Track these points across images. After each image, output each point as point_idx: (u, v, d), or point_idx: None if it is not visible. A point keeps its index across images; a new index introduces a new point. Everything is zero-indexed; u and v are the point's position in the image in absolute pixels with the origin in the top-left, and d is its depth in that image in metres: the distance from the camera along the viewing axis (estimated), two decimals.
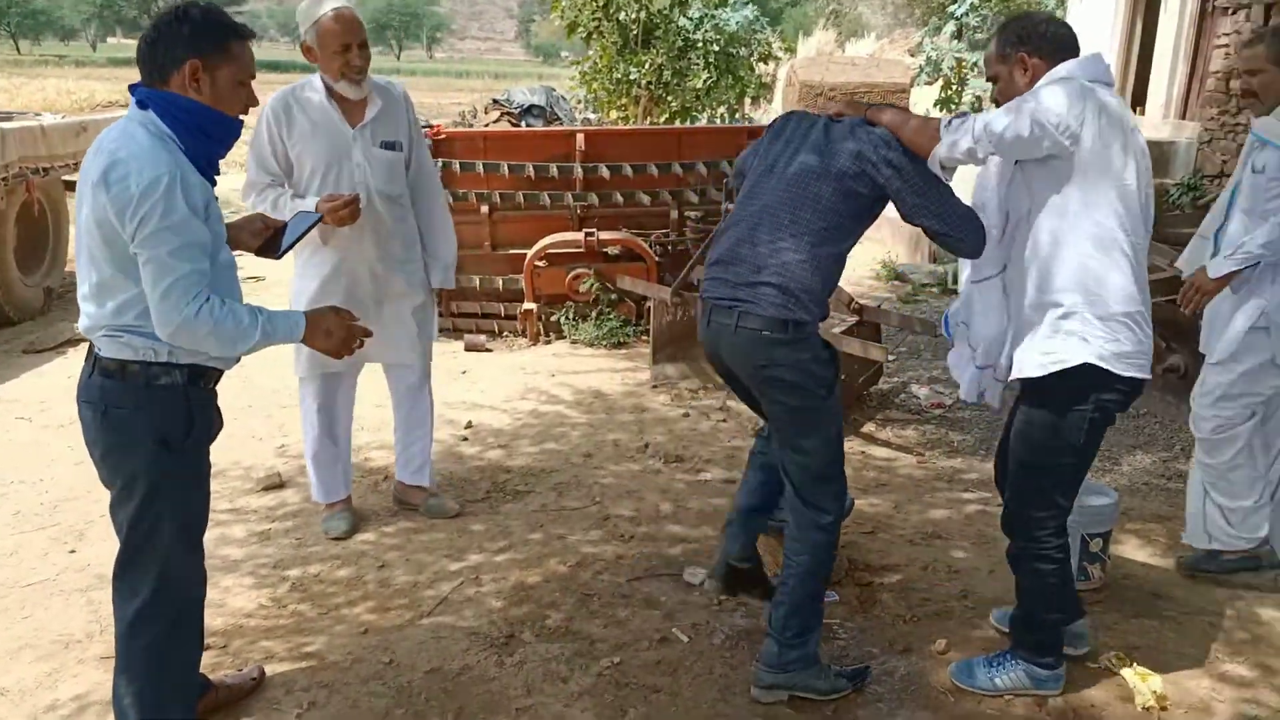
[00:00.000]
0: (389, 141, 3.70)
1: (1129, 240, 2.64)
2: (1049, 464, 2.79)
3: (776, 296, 2.72)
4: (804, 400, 2.80)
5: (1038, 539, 2.85)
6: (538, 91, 19.31)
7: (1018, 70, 2.76)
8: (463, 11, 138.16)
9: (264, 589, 3.53)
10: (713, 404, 5.54)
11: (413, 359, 3.98)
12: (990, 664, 2.99)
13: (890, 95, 17.67)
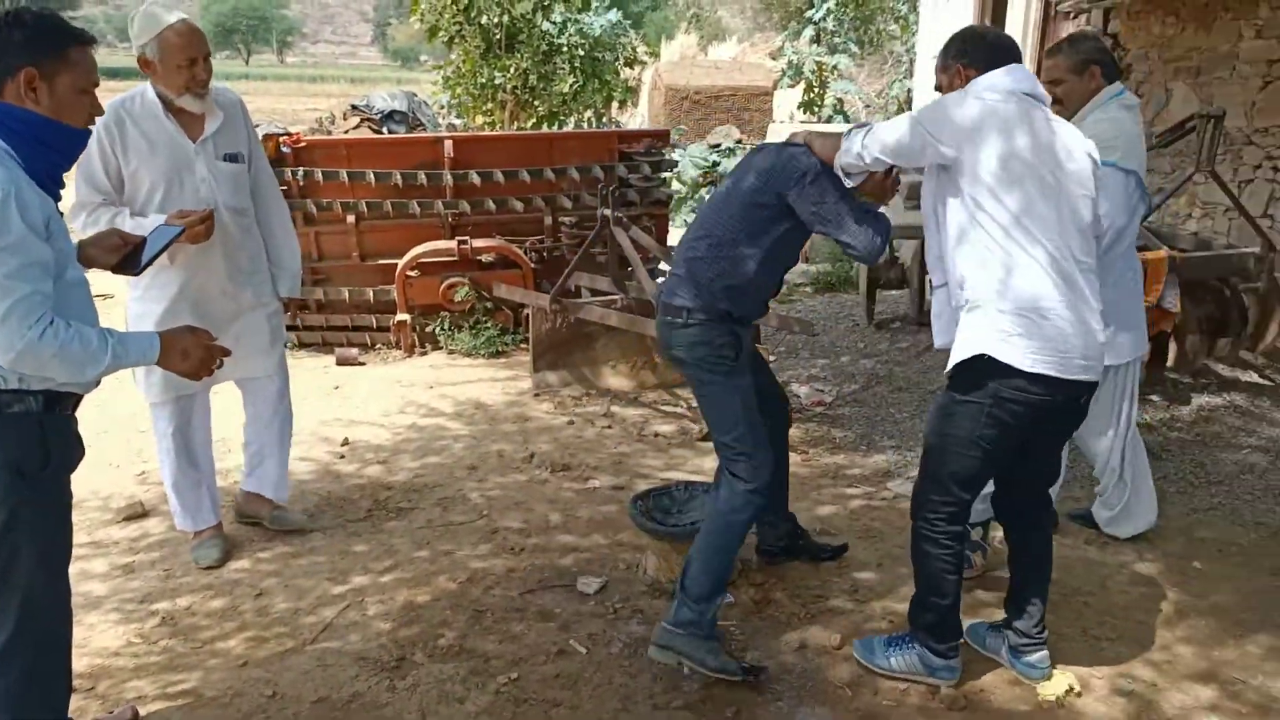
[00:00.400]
0: (231, 154, 3.60)
1: (1036, 239, 2.67)
2: (949, 450, 2.83)
3: (678, 286, 3.06)
4: (701, 378, 3.07)
5: (930, 521, 2.90)
6: (399, 97, 19.00)
7: (957, 81, 2.87)
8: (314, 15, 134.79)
9: (130, 625, 3.33)
10: (597, 410, 5.51)
11: (270, 370, 3.88)
12: (889, 643, 3.06)
13: (754, 98, 18.03)
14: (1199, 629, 3.34)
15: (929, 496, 2.90)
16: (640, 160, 7.05)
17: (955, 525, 2.90)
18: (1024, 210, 2.66)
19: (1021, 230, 2.67)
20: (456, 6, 13.51)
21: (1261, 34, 6.65)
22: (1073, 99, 3.57)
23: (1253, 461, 4.74)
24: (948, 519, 2.89)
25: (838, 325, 7.30)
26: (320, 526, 4.05)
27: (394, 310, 6.67)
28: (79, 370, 2.23)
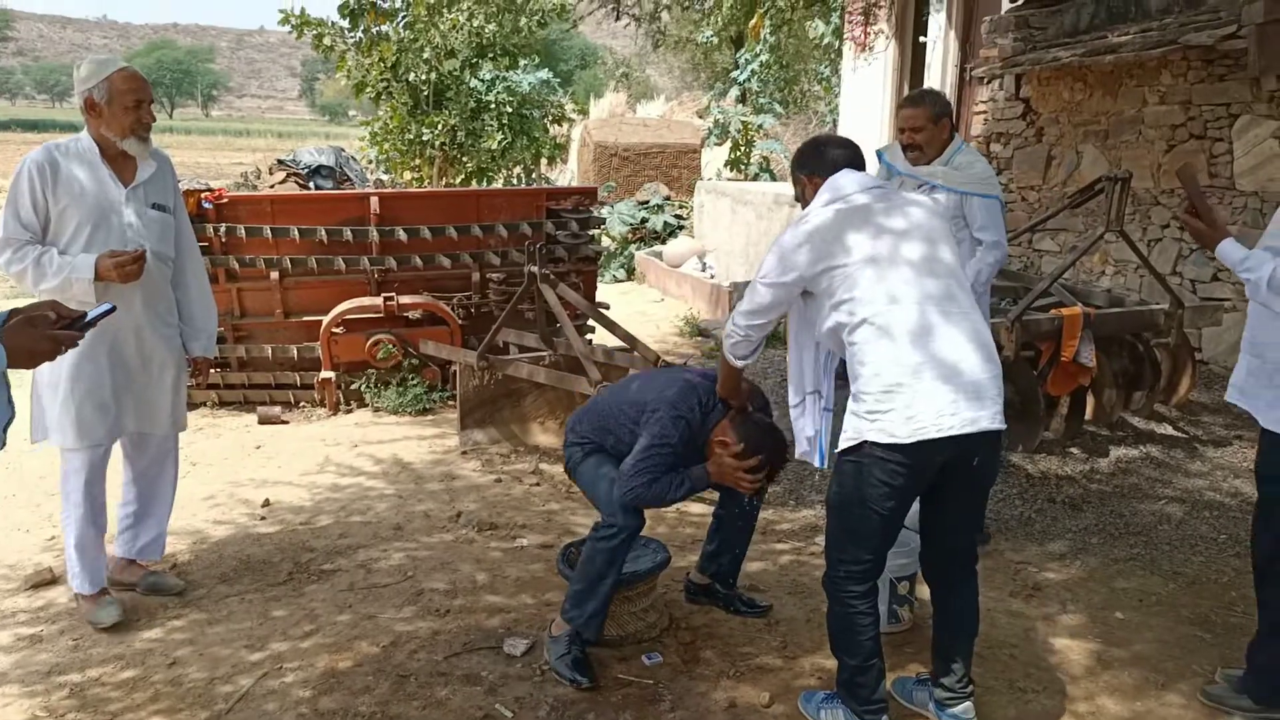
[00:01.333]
0: (160, 204, 3.69)
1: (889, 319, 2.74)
2: (848, 512, 2.87)
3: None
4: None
5: (836, 582, 2.93)
6: (326, 152, 18.85)
7: (808, 190, 3.07)
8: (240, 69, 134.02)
9: (35, 699, 3.17)
10: (525, 468, 5.45)
11: (168, 429, 3.84)
12: (824, 699, 3.10)
13: (682, 155, 18.25)
14: (1122, 679, 3.38)
15: (835, 556, 2.93)
16: (568, 217, 7.08)
17: (861, 584, 2.89)
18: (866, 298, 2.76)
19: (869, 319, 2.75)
20: (384, 64, 13.53)
21: (1164, 100, 6.95)
22: (931, 146, 4.29)
23: (1169, 512, 4.85)
24: (852, 578, 2.89)
25: (766, 380, 7.35)
26: (272, 597, 3.92)
27: (318, 368, 6.56)
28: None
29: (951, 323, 2.77)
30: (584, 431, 3.53)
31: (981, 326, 2.85)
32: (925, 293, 2.77)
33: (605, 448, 3.47)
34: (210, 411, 6.64)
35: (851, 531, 2.87)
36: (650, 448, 3.25)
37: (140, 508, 3.92)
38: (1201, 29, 6.10)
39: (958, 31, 10.49)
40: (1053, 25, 7.77)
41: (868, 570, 2.90)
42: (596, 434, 3.50)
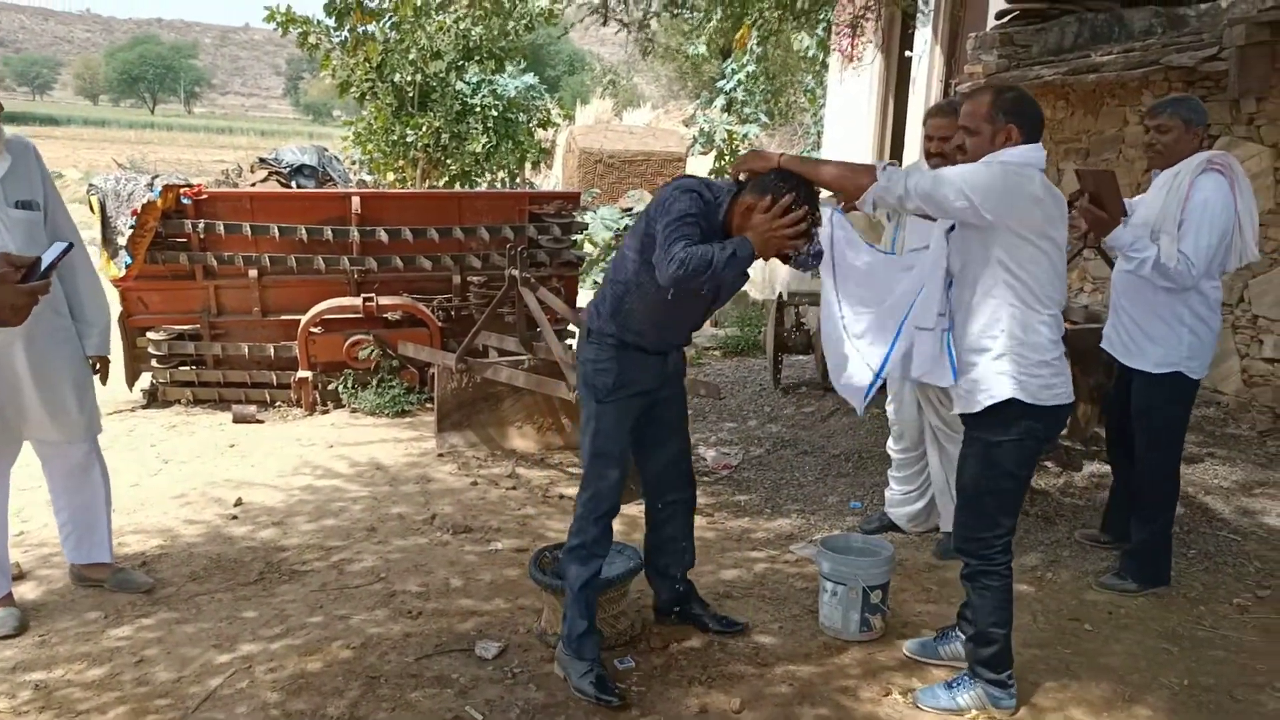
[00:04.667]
0: (24, 201, 3.46)
1: (1047, 296, 3.04)
2: (994, 489, 3.12)
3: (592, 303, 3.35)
4: (583, 393, 3.34)
5: (988, 558, 3.15)
6: (309, 151, 18.73)
7: (1000, 136, 3.04)
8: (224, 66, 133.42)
9: (0, 697, 3.14)
10: (501, 472, 5.44)
11: (78, 434, 3.70)
12: (950, 686, 3.25)
13: (667, 164, 18.31)
14: (1091, 691, 3.40)
15: (980, 535, 3.16)
16: (551, 222, 7.08)
17: (1009, 554, 3.19)
18: (1039, 274, 3.02)
19: (1038, 287, 3.02)
20: (369, 64, 13.47)
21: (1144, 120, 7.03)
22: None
23: None
24: (1003, 549, 3.16)
25: (744, 389, 7.37)
26: (243, 596, 3.88)
27: (295, 367, 6.54)
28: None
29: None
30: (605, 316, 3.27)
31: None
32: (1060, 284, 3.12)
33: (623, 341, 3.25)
34: (184, 409, 6.60)
35: (1008, 497, 3.15)
36: (672, 222, 3.00)
37: (72, 515, 3.81)
38: (1183, 50, 6.16)
39: (943, 47, 10.56)
40: (1036, 43, 7.83)
41: (1011, 535, 3.19)
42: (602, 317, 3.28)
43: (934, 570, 4.37)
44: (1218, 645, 3.73)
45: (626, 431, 3.34)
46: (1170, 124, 4.00)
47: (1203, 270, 3.86)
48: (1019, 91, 3.14)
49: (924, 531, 4.71)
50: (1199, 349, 3.99)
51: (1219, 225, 3.85)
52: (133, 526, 4.47)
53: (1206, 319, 3.98)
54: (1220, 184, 3.88)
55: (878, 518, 4.84)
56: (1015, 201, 2.95)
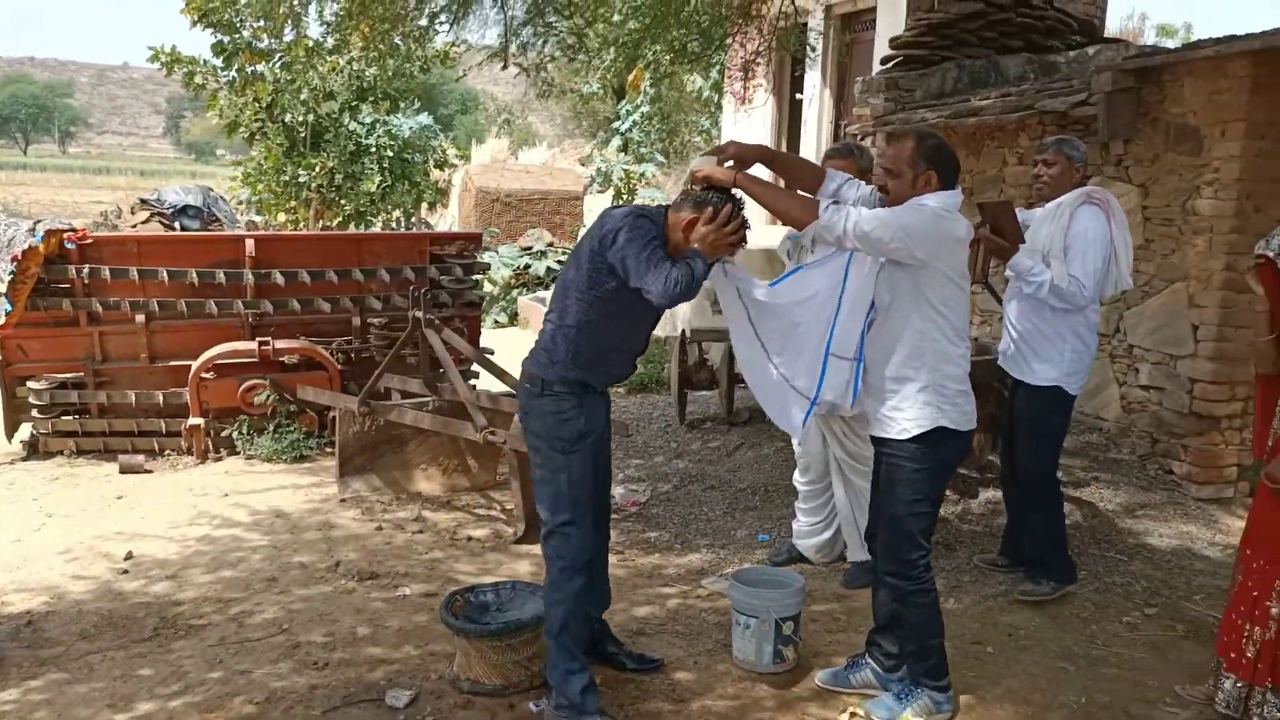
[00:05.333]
0: None
1: (963, 330, 3.30)
2: (916, 511, 3.30)
3: (539, 355, 3.29)
4: (542, 448, 3.29)
5: (916, 578, 3.32)
6: (193, 191, 18.34)
7: (921, 182, 3.22)
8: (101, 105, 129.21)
9: None
10: (407, 516, 5.34)
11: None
12: (899, 697, 3.39)
13: (565, 202, 18.41)
14: (995, 712, 3.49)
15: (908, 556, 3.32)
16: (452, 262, 7.04)
17: (931, 570, 3.39)
18: (959, 310, 3.27)
19: (955, 326, 3.26)
20: (259, 104, 13.26)
21: (1022, 160, 7.34)
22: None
23: None
24: (927, 567, 3.35)
25: (650, 426, 7.40)
26: (137, 654, 3.72)
27: (185, 414, 6.33)
28: None
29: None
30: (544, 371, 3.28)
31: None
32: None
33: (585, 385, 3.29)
34: (67, 460, 6.32)
35: (928, 516, 3.35)
36: (645, 248, 3.08)
37: None
38: (1056, 95, 6.48)
39: (832, 90, 10.92)
40: (920, 88, 8.15)
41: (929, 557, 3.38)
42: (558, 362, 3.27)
43: (842, 599, 4.44)
44: (1111, 663, 3.88)
45: (592, 477, 3.35)
46: (1055, 160, 4.39)
47: (1093, 291, 4.22)
48: (939, 140, 3.30)
49: (831, 562, 4.79)
50: (1078, 366, 4.35)
51: (1100, 251, 4.22)
52: (15, 585, 4.25)
53: (1086, 339, 4.35)
54: (1098, 215, 4.27)
55: (786, 549, 4.90)
56: (943, 243, 3.17)
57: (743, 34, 8.82)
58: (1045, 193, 4.46)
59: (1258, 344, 3.41)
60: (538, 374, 3.27)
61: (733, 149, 3.38)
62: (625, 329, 3.34)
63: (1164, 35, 22.53)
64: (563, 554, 3.28)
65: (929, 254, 3.15)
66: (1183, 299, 5.78)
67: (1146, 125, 6.04)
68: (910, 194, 3.21)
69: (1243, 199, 5.50)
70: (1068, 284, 4.19)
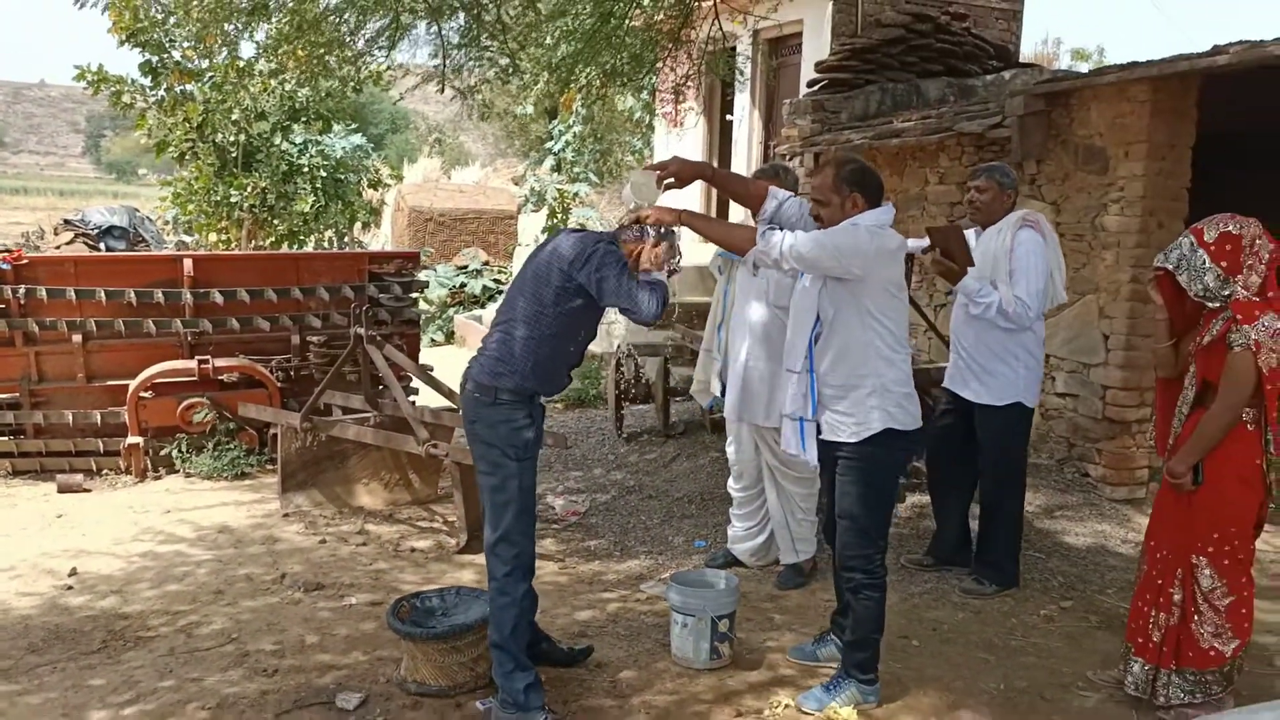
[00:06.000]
0: None
1: (903, 338, 3.51)
2: (872, 510, 3.52)
3: (490, 365, 3.36)
4: (493, 457, 3.36)
5: (871, 572, 3.53)
6: (118, 212, 18.05)
7: (849, 204, 3.45)
8: (17, 124, 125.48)
9: None
10: (350, 529, 5.42)
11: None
12: (827, 688, 3.58)
13: (499, 221, 18.51)
14: (919, 700, 3.69)
15: (864, 551, 3.53)
16: (391, 281, 7.13)
17: (884, 567, 3.60)
18: (898, 319, 3.51)
19: (896, 328, 3.48)
20: (189, 124, 13.16)
21: (943, 180, 7.66)
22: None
23: None
24: (881, 563, 3.57)
25: (588, 439, 7.55)
26: (86, 665, 3.75)
27: (123, 433, 6.33)
28: None
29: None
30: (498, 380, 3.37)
31: None
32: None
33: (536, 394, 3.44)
34: (3, 481, 6.27)
35: (882, 515, 3.59)
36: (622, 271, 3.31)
37: None
38: (973, 118, 6.80)
39: (761, 111, 11.21)
40: (845, 110, 8.45)
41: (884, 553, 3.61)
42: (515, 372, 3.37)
43: (776, 600, 4.63)
44: (1029, 653, 4.11)
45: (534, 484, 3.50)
46: (987, 185, 4.66)
47: (1037, 310, 4.49)
48: (859, 163, 3.54)
49: (765, 565, 4.98)
50: (1032, 381, 4.62)
51: (1041, 270, 4.49)
52: None
53: (1036, 354, 4.62)
54: (1034, 237, 4.55)
55: (722, 554, 5.07)
56: (878, 258, 3.40)
57: (672, 58, 9.05)
58: (978, 217, 4.72)
59: (1158, 349, 3.68)
60: (489, 383, 3.36)
61: (674, 165, 3.62)
62: (579, 344, 3.52)
63: (1078, 59, 23.32)
64: (510, 559, 3.38)
65: (865, 269, 3.38)
66: (1093, 310, 6.10)
67: (1057, 146, 6.37)
68: (842, 217, 3.46)
69: (1146, 215, 5.85)
70: (1014, 305, 4.42)
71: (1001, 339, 4.54)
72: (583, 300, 3.37)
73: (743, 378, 4.71)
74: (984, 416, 4.66)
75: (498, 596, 3.40)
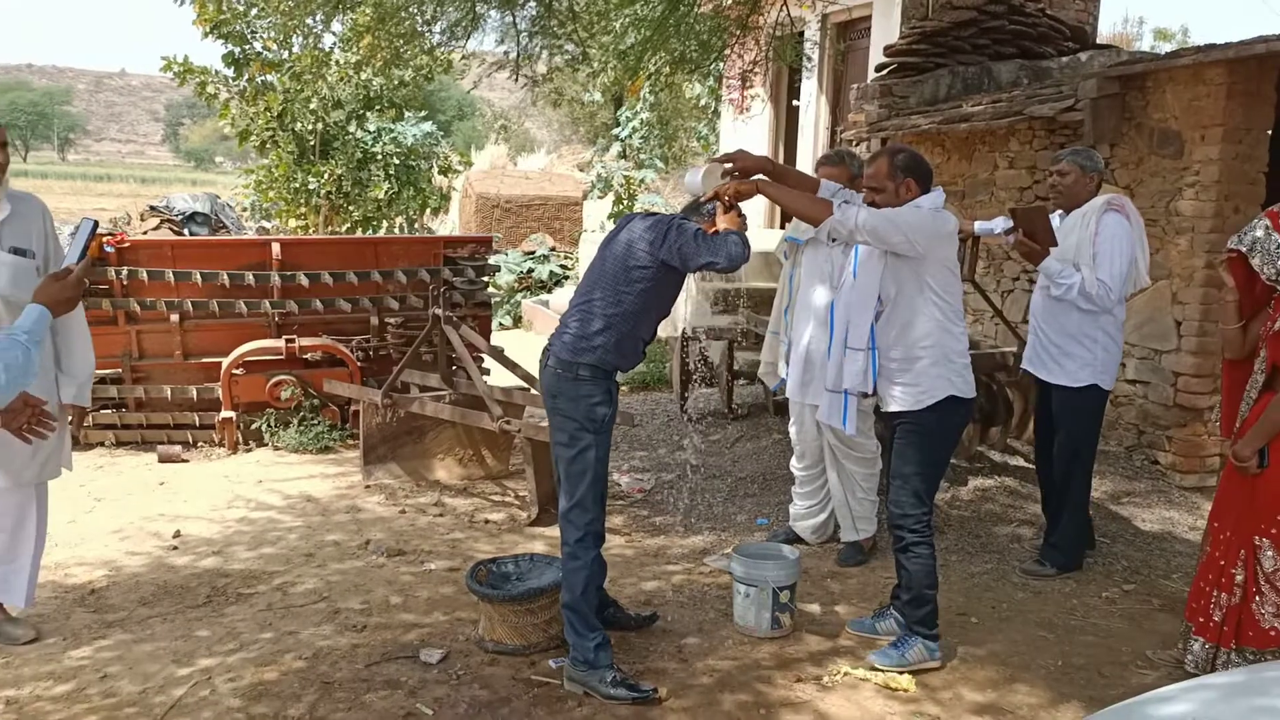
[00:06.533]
0: (19, 248, 3.66)
1: (960, 312, 3.79)
2: (925, 473, 3.78)
3: (572, 342, 3.55)
4: (571, 429, 3.56)
5: (920, 531, 3.76)
6: (200, 198, 18.65)
7: (903, 190, 3.71)
8: (99, 113, 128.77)
9: None
10: (427, 501, 5.68)
11: (23, 479, 3.78)
12: (896, 645, 3.79)
13: (564, 208, 18.72)
14: (978, 673, 3.81)
15: (913, 511, 3.77)
16: (465, 264, 7.38)
17: (932, 527, 3.85)
18: (955, 295, 3.77)
19: (955, 308, 3.75)
20: (270, 113, 13.59)
21: (1013, 164, 7.67)
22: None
23: (1021, 533, 5.37)
24: (929, 523, 3.82)
25: (654, 420, 7.74)
26: (194, 618, 4.04)
27: (217, 408, 6.66)
28: (24, 379, 2.42)
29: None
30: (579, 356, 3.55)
31: None
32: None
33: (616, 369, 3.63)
34: (108, 451, 6.66)
35: (936, 477, 3.86)
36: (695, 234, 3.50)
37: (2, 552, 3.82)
38: (1044, 102, 6.78)
39: (828, 97, 11.25)
40: (914, 94, 8.46)
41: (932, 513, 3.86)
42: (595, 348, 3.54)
43: (836, 576, 4.77)
44: (1088, 632, 4.19)
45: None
46: (1069, 169, 4.74)
47: (1119, 293, 4.57)
48: (909, 151, 3.80)
49: (825, 542, 5.12)
50: (1110, 363, 4.70)
51: (1125, 254, 4.56)
52: (76, 559, 4.59)
53: (1115, 337, 4.70)
54: (1120, 221, 4.61)
55: (784, 532, 5.22)
56: (940, 237, 3.67)
57: (740, 44, 9.14)
58: (1060, 200, 4.80)
59: (1226, 331, 3.73)
60: (571, 360, 3.55)
61: (740, 159, 3.81)
62: (653, 320, 3.72)
63: (1160, 39, 22.82)
64: (583, 525, 3.59)
65: (929, 247, 3.63)
66: (1166, 296, 6.09)
67: (1131, 130, 6.34)
68: (897, 202, 3.70)
69: (1222, 200, 5.82)
70: (1096, 287, 4.51)
71: (1080, 321, 4.62)
72: (657, 280, 3.56)
73: (805, 359, 4.84)
74: (1060, 397, 4.77)
75: (570, 560, 3.60)
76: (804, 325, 4.88)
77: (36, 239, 3.71)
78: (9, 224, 3.63)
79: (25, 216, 3.68)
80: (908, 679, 3.66)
